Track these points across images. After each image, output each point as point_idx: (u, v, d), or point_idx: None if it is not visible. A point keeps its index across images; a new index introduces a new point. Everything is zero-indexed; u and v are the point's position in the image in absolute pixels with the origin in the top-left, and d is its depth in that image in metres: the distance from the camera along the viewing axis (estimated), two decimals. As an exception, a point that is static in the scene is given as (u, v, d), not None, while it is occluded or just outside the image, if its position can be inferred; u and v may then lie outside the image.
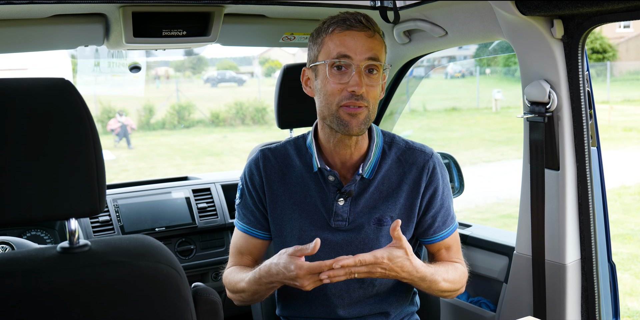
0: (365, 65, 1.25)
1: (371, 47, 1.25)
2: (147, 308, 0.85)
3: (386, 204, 1.36)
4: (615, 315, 1.60)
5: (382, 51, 1.28)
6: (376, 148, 1.37)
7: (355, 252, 1.34)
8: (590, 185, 1.51)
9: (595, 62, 20.72)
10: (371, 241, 1.35)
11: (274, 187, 1.39)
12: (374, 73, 1.27)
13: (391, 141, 1.41)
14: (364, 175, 1.35)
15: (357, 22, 1.25)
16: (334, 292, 1.38)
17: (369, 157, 1.35)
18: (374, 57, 1.25)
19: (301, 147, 1.42)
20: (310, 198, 1.37)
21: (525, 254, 1.62)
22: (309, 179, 1.38)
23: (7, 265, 0.81)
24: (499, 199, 7.16)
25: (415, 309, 1.52)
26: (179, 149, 12.94)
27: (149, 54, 1.99)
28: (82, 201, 0.83)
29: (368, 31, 1.26)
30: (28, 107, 0.81)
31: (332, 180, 1.35)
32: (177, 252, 2.13)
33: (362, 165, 1.34)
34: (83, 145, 0.83)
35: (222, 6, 1.56)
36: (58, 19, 1.49)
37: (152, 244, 0.90)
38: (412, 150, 1.39)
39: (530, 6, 1.36)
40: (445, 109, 16.81)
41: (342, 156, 1.36)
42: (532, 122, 1.53)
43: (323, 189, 1.37)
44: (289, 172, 1.40)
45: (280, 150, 1.43)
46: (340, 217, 1.35)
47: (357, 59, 1.24)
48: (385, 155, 1.38)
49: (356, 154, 1.36)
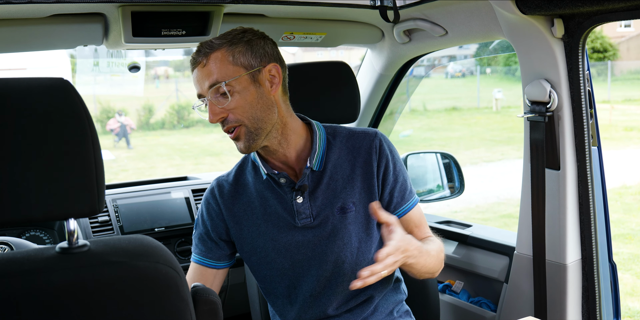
0: (211, 94, 1.27)
1: (207, 75, 1.27)
2: (147, 308, 0.85)
3: (344, 191, 1.36)
4: (616, 316, 1.60)
5: (222, 68, 1.26)
6: (320, 140, 1.38)
7: (327, 246, 1.35)
8: (590, 185, 1.50)
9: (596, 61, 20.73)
10: (339, 231, 1.36)
11: (234, 210, 1.40)
12: (224, 94, 1.27)
13: (334, 132, 1.42)
14: (313, 167, 1.35)
15: (194, 59, 1.29)
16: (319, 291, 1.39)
17: (314, 150, 1.36)
18: (212, 83, 1.26)
19: (248, 164, 1.44)
20: (270, 207, 1.38)
21: (525, 254, 1.62)
22: (264, 189, 1.39)
23: (6, 266, 0.81)
24: (499, 198, 7.17)
25: (403, 298, 1.50)
26: (179, 148, 12.94)
27: (148, 53, 1.99)
28: (81, 201, 0.83)
29: (201, 61, 1.28)
30: (27, 107, 0.81)
31: (284, 182, 1.36)
32: (177, 252, 2.13)
33: (309, 158, 1.35)
34: (82, 145, 0.83)
35: (221, 6, 1.55)
36: (57, 19, 1.48)
37: (152, 244, 0.90)
38: (356, 135, 1.41)
39: (531, 5, 1.35)
40: (446, 109, 16.82)
41: (280, 159, 1.37)
42: (533, 121, 1.53)
43: (279, 194, 1.37)
44: (244, 191, 1.41)
45: (232, 174, 1.45)
46: (304, 214, 1.36)
47: (204, 92, 1.28)
48: (331, 144, 1.39)
49: (291, 152, 1.37)
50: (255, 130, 1.29)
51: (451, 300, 1.93)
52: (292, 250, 1.37)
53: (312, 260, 1.37)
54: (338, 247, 1.35)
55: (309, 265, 1.37)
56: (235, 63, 1.27)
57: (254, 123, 1.28)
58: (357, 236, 1.37)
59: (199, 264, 1.44)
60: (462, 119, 15.05)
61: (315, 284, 1.38)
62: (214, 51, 1.27)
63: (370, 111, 2.27)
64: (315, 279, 1.37)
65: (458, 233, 1.96)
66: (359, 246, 1.37)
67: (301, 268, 1.37)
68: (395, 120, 2.43)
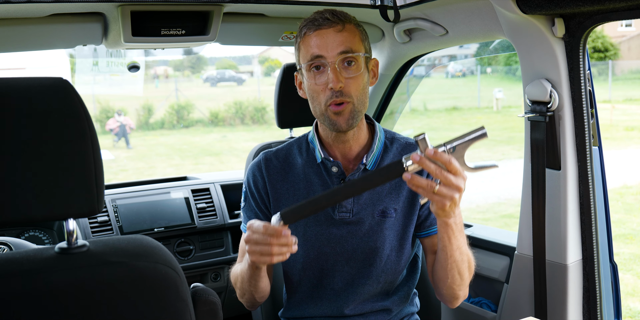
0: (340, 60, 1.27)
1: (342, 41, 1.28)
2: (146, 309, 0.85)
3: (389, 196, 1.37)
4: (617, 316, 1.59)
5: (355, 41, 1.30)
6: (379, 142, 1.40)
7: (358, 244, 1.36)
8: (591, 185, 1.50)
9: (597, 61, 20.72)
10: (375, 233, 1.36)
11: (277, 186, 1.41)
12: (352, 65, 1.29)
13: (392, 138, 1.44)
14: (367, 166, 1.37)
15: (324, 20, 1.28)
16: (341, 286, 1.39)
17: (372, 149, 1.38)
18: (346, 50, 1.27)
19: (303, 144, 1.45)
20: (314, 193, 1.38)
21: (526, 254, 1.61)
22: (312, 173, 1.40)
23: (5, 266, 0.81)
24: (500, 198, 7.16)
25: (415, 310, 1.52)
26: (178, 148, 12.93)
27: (147, 53, 1.98)
28: (81, 201, 0.83)
29: (336, 26, 1.28)
30: (26, 106, 0.81)
31: (336, 171, 1.37)
32: (176, 252, 2.13)
33: (366, 156, 1.37)
34: (81, 145, 0.83)
35: (221, 5, 1.55)
36: (56, 18, 1.48)
37: (151, 244, 0.90)
38: (412, 146, 1.42)
39: (531, 5, 1.35)
40: (446, 108, 16.81)
41: (341, 150, 1.39)
42: (533, 121, 1.52)
43: (326, 182, 1.38)
44: (292, 170, 1.42)
45: (282, 150, 1.46)
46: (345, 208, 1.37)
47: (330, 55, 1.27)
48: (388, 149, 1.41)
49: (355, 146, 1.38)
50: (358, 111, 1.31)
51: (451, 301, 1.93)
52: (322, 242, 1.37)
53: (339, 255, 1.37)
54: (370, 249, 1.36)
55: (335, 261, 1.38)
56: (363, 42, 1.32)
57: (359, 104, 1.31)
58: (391, 244, 1.37)
59: None
60: (462, 119, 15.04)
61: (338, 279, 1.38)
62: (348, 22, 1.30)
63: (370, 111, 2.27)
64: (339, 275, 1.38)
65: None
66: (389, 253, 1.37)
67: (325, 261, 1.38)
68: (396, 120, 2.43)
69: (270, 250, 1.11)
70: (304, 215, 1.14)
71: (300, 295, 1.44)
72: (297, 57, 1.36)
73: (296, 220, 1.14)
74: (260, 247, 1.12)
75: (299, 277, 1.42)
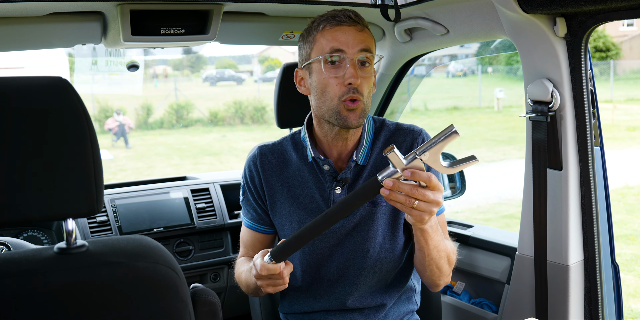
0: (359, 57, 1.29)
1: (362, 40, 1.29)
2: (145, 309, 0.85)
3: None
4: (618, 317, 1.59)
5: (372, 44, 1.32)
6: (368, 135, 1.41)
7: (352, 237, 1.38)
8: (593, 185, 1.50)
9: (599, 60, 20.73)
10: (367, 223, 1.37)
11: (271, 182, 1.43)
12: (366, 66, 1.31)
13: (381, 125, 1.44)
14: (358, 161, 1.38)
15: (346, 18, 1.29)
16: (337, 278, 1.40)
17: (362, 144, 1.39)
18: (366, 48, 1.29)
19: (297, 141, 1.46)
20: (308, 190, 1.40)
21: (527, 255, 1.61)
22: (306, 171, 1.41)
23: (4, 266, 0.81)
24: (500, 199, 7.16)
25: (414, 308, 1.52)
26: (178, 148, 12.94)
27: (147, 52, 1.98)
28: (80, 201, 0.83)
29: (358, 25, 1.30)
30: (25, 106, 0.80)
31: (327, 169, 1.38)
32: (176, 252, 2.12)
33: (356, 152, 1.38)
34: (80, 145, 0.82)
35: (221, 4, 1.54)
36: (55, 17, 1.48)
37: (150, 244, 0.90)
38: (401, 130, 1.42)
39: (533, 4, 1.35)
40: (447, 108, 16.82)
41: (338, 148, 1.39)
42: (535, 121, 1.52)
43: (320, 180, 1.40)
44: (286, 166, 1.43)
45: (277, 146, 1.47)
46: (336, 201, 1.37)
47: (350, 52, 1.28)
48: (376, 139, 1.42)
49: (351, 143, 1.40)
50: (366, 110, 1.32)
51: (452, 302, 1.92)
52: None
53: (334, 248, 1.39)
54: (362, 239, 1.37)
55: (330, 253, 1.40)
56: (375, 48, 1.35)
57: (367, 103, 1.32)
58: (383, 232, 1.38)
59: (249, 229, 1.50)
60: (463, 119, 15.05)
61: (334, 270, 1.40)
62: (366, 26, 1.33)
63: (371, 110, 2.26)
64: (335, 265, 1.39)
65: (459, 234, 1.95)
66: (382, 242, 1.38)
67: (321, 254, 1.40)
68: (396, 119, 2.43)
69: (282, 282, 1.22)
70: (293, 250, 1.18)
71: (298, 290, 1.46)
72: (306, 51, 1.34)
73: (287, 257, 1.19)
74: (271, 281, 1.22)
75: (295, 271, 1.43)
